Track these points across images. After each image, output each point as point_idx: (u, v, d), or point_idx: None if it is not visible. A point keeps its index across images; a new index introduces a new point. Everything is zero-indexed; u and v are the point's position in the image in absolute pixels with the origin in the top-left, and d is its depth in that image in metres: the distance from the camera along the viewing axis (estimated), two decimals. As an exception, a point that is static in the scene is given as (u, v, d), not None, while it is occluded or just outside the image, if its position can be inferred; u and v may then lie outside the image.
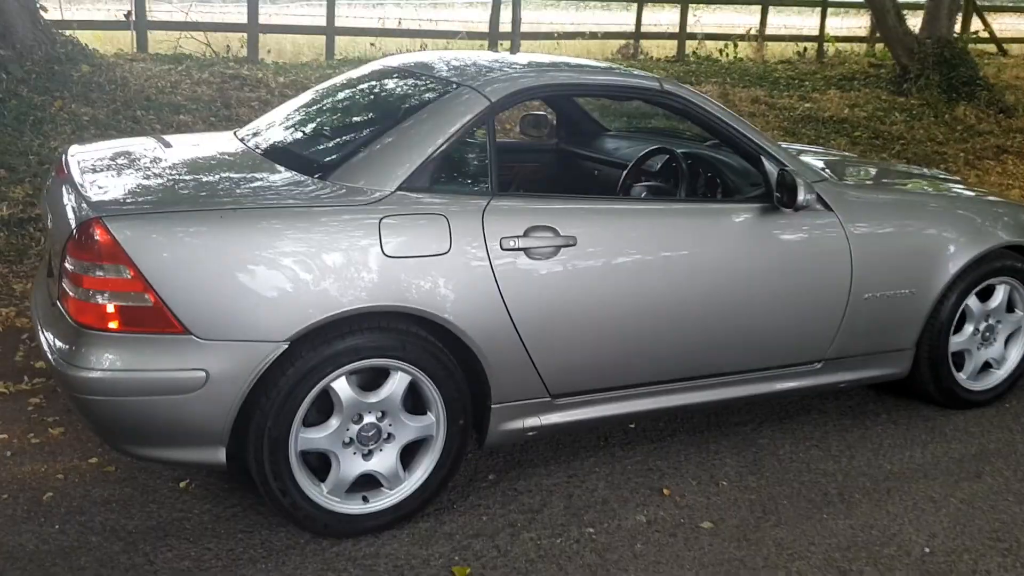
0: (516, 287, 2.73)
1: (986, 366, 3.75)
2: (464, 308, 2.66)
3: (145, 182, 2.78)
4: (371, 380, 2.66)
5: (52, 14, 8.00)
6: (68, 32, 7.65)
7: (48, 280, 2.83)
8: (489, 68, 3.08)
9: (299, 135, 3.11)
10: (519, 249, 2.73)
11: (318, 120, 3.22)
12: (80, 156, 3.03)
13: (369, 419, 2.65)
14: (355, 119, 3.14)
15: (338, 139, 2.94)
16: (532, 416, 2.90)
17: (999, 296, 3.67)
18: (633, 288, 2.90)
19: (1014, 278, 3.64)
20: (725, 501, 2.98)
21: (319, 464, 2.67)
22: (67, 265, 2.44)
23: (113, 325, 2.38)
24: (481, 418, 2.85)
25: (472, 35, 11.06)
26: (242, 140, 3.20)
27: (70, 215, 2.56)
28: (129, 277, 2.35)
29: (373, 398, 2.64)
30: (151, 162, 2.96)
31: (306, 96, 3.47)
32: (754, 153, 3.19)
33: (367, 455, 2.68)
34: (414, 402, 2.73)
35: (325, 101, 3.33)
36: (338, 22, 10.55)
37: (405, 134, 2.78)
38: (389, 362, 2.63)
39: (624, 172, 3.71)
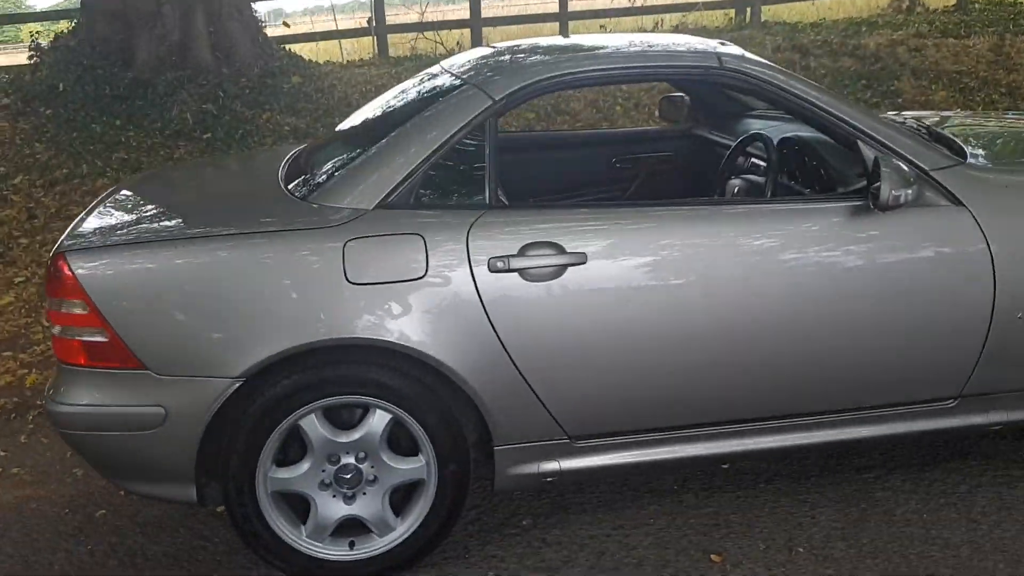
0: (509, 314, 2.35)
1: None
2: (445, 339, 2.33)
3: (134, 213, 2.74)
4: (354, 419, 2.43)
5: (299, 27, 8.63)
6: (289, 46, 8.18)
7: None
8: (517, 61, 2.69)
9: (323, 152, 2.92)
10: (512, 270, 2.35)
11: (346, 134, 3.00)
12: (129, 185, 3.08)
13: (347, 460, 2.42)
14: (369, 131, 2.89)
15: (342, 155, 2.72)
16: (549, 460, 2.50)
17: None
18: (662, 314, 2.39)
19: None
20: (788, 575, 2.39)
21: (305, 506, 2.49)
22: (48, 301, 2.47)
23: (81, 360, 2.37)
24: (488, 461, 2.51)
25: (709, 5, 10.30)
26: (286, 159, 3.07)
27: None
28: (86, 312, 2.32)
29: (345, 438, 2.40)
30: (171, 188, 2.93)
31: (366, 107, 3.28)
32: (848, 136, 2.51)
33: (349, 498, 2.45)
34: (408, 443, 2.46)
35: (367, 112, 3.12)
36: (571, 6, 10.34)
37: (392, 146, 2.49)
38: (366, 400, 2.38)
39: (721, 165, 3.12)
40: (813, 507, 2.68)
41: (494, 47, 3.04)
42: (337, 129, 3.16)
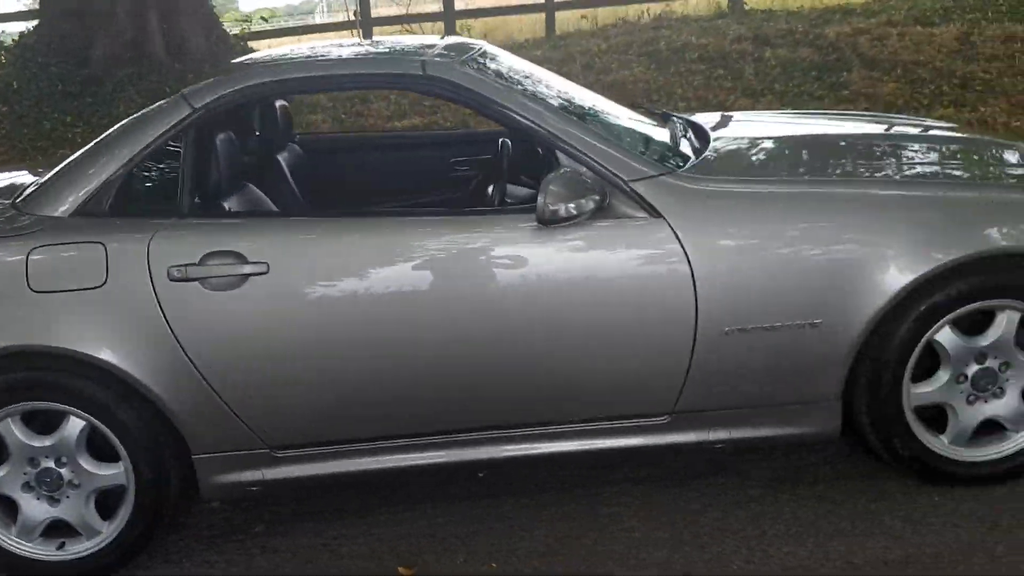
0: (191, 323, 2.37)
1: (993, 426, 2.57)
2: (127, 348, 2.36)
3: None
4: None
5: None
6: (268, 43, 8.30)
7: None
8: (238, 69, 2.68)
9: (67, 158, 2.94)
10: (191, 279, 2.36)
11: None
12: None
13: (47, 464, 2.47)
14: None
15: (67, 161, 2.74)
16: (252, 469, 2.51)
17: (1001, 327, 2.47)
18: (346, 325, 2.38)
19: (1026, 301, 2.43)
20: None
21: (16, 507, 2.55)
22: None
23: None
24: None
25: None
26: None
27: None
28: None
29: (40, 443, 2.45)
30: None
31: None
32: (550, 146, 2.45)
33: (55, 501, 2.50)
34: (110, 449, 2.49)
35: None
36: (554, -4, 10.21)
37: (92, 153, 2.53)
38: (58, 406, 2.42)
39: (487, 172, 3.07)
40: (534, 520, 2.63)
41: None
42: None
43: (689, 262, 2.37)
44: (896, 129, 3.38)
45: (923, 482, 2.60)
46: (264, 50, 3.11)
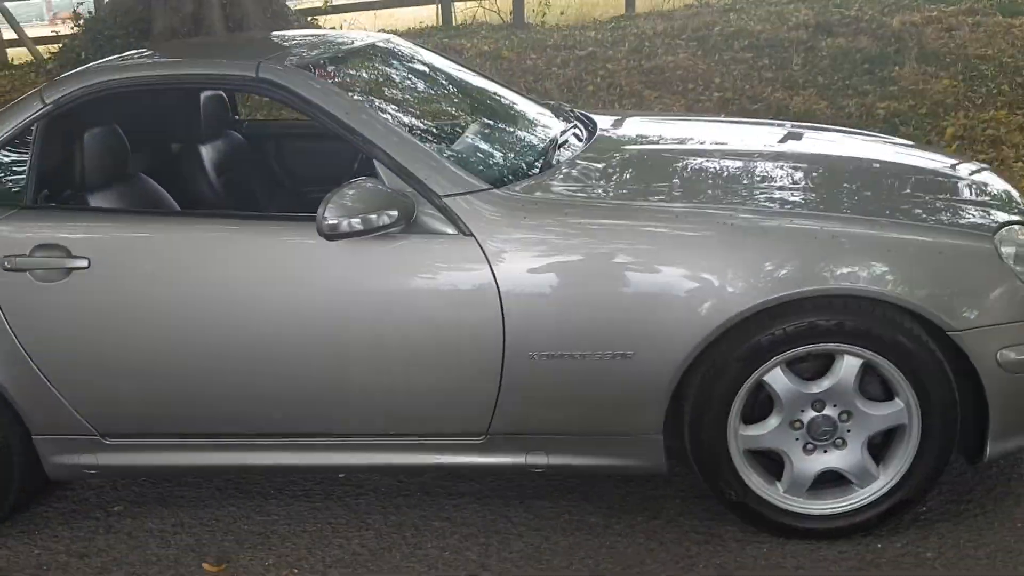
0: (21, 311, 2.47)
1: (842, 478, 2.37)
2: (-33, 332, 2.49)
3: None
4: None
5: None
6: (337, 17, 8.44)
7: None
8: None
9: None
10: (21, 270, 2.45)
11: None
12: None
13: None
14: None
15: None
16: (86, 453, 2.61)
17: (838, 374, 2.27)
18: (162, 322, 2.42)
19: (873, 346, 2.22)
20: None
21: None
22: None
23: None
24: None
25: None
26: None
27: None
28: None
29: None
30: None
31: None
32: (370, 156, 2.40)
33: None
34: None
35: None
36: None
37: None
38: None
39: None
40: (358, 528, 2.62)
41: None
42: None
43: (496, 282, 2.28)
44: (812, 145, 3.12)
45: (764, 532, 2.43)
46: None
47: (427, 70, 3.17)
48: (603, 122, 3.10)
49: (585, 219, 2.31)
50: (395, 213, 2.25)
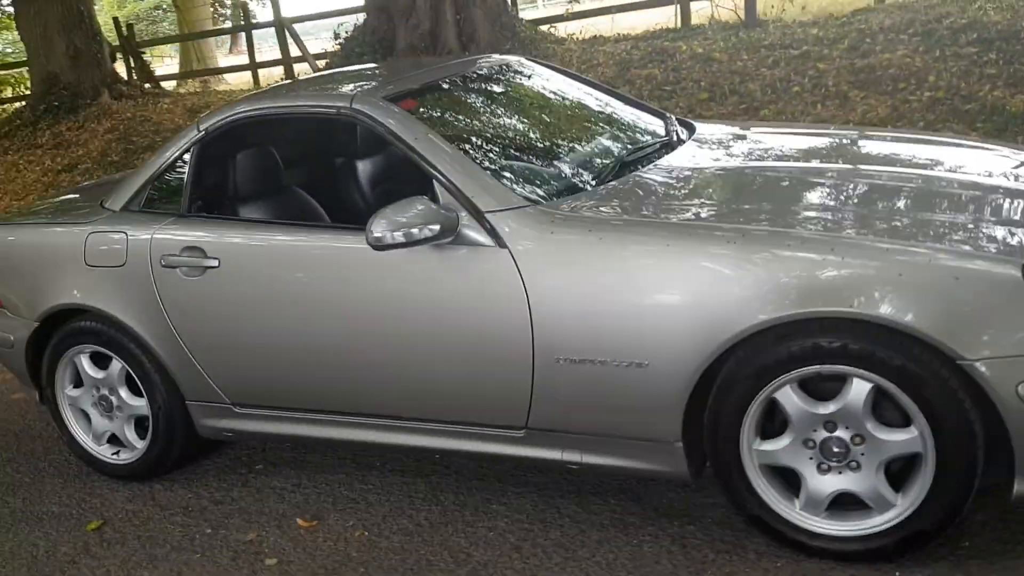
0: (172, 299, 3.08)
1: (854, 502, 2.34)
2: (136, 313, 3.15)
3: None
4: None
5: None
6: (545, 27, 8.87)
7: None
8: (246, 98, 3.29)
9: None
10: (173, 267, 3.05)
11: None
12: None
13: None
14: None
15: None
16: (224, 419, 3.18)
17: (847, 396, 2.25)
18: (273, 314, 2.91)
19: (878, 370, 2.18)
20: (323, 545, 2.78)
21: None
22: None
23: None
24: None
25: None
26: None
27: None
28: None
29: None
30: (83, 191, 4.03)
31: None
32: (428, 176, 2.71)
33: None
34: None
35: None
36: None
37: (144, 163, 3.31)
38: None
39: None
40: (431, 503, 2.96)
41: None
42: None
43: (526, 290, 2.51)
44: (863, 157, 3.01)
45: (785, 548, 2.45)
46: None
47: (537, 91, 3.43)
48: (700, 134, 3.19)
49: (612, 233, 2.47)
50: (436, 227, 2.55)
